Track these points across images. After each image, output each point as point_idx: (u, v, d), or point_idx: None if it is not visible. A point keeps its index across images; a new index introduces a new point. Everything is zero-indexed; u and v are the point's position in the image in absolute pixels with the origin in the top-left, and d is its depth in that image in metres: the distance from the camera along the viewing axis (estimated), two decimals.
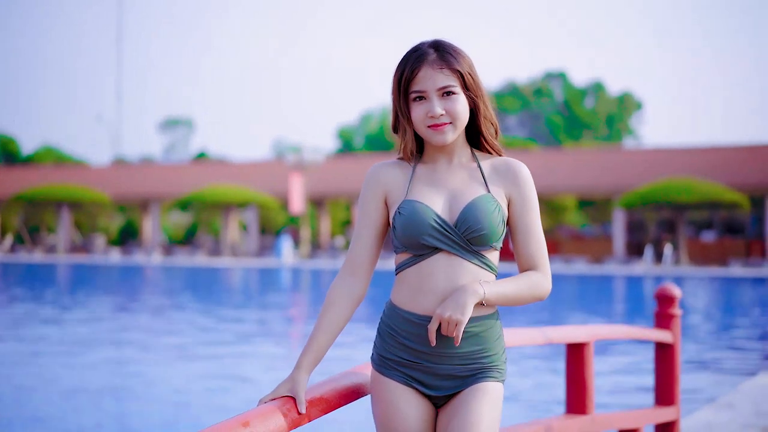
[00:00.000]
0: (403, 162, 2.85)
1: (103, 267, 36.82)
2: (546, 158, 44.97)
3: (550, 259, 30.15)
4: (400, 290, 2.77)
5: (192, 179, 47.11)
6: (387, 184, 2.81)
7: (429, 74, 2.71)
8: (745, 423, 7.79)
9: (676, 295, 5.46)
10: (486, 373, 2.74)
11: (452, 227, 2.69)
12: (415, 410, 2.75)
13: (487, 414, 2.67)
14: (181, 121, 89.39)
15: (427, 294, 2.71)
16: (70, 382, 10.56)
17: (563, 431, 4.21)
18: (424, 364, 2.74)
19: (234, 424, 2.43)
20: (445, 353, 2.72)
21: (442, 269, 2.70)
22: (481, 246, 2.69)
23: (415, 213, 2.71)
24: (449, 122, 2.71)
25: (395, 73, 2.77)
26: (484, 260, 2.71)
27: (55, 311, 18.91)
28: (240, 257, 41.88)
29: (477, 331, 2.72)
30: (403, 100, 2.75)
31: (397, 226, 2.73)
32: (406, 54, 2.77)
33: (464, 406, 2.69)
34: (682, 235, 35.39)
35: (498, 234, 2.70)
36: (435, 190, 2.75)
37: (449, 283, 2.69)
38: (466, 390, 2.72)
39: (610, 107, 74.35)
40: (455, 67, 2.73)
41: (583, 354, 4.38)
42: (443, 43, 2.78)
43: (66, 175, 51.68)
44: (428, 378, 2.75)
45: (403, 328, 2.75)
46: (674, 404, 5.44)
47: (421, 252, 2.71)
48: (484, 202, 2.70)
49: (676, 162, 40.17)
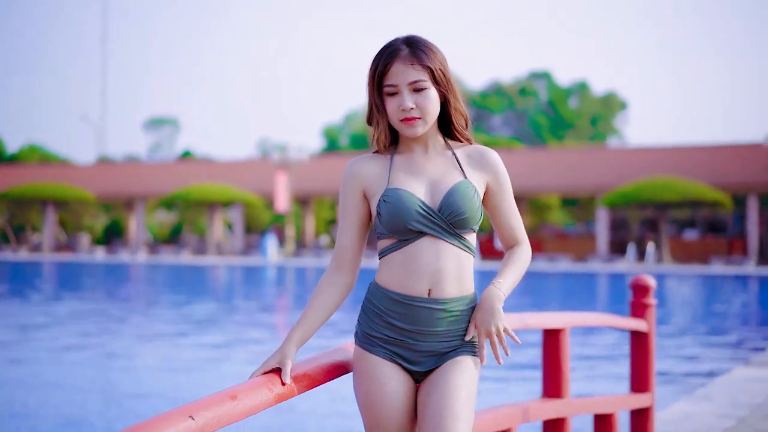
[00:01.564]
0: (379, 155, 2.99)
1: (88, 265, 36.82)
2: (530, 158, 45.18)
3: (533, 258, 30.24)
4: (386, 272, 2.91)
5: (177, 178, 47.12)
6: (364, 177, 2.95)
7: (401, 69, 2.85)
8: (722, 414, 7.97)
9: (650, 285, 5.62)
10: (464, 348, 2.90)
11: (436, 212, 2.84)
12: (398, 384, 2.89)
13: (466, 381, 2.83)
14: (166, 120, 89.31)
15: (414, 275, 2.86)
16: (50, 377, 10.66)
17: (539, 413, 4.36)
18: (407, 341, 2.88)
19: (222, 397, 2.56)
20: (428, 331, 2.86)
21: (427, 252, 2.85)
22: (463, 229, 2.85)
23: (401, 200, 2.85)
24: (419, 117, 2.86)
25: (370, 67, 2.92)
26: (464, 242, 2.88)
27: (35, 308, 18.98)
28: (225, 256, 41.94)
29: (458, 310, 2.88)
30: (377, 94, 2.90)
31: (383, 213, 2.86)
32: (381, 49, 2.92)
33: (443, 375, 2.85)
34: (664, 234, 35.66)
35: (477, 217, 2.87)
36: (415, 178, 2.90)
37: (434, 265, 2.84)
38: (445, 363, 2.88)
39: (594, 107, 74.67)
40: (426, 63, 2.87)
41: (558, 340, 4.54)
42: (416, 39, 2.91)
43: (51, 173, 51.57)
44: (411, 354, 2.89)
45: (389, 307, 2.89)
46: (649, 391, 5.60)
47: (406, 237, 2.86)
48: (464, 187, 2.86)
49: (659, 161, 40.45)
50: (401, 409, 2.89)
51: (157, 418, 2.38)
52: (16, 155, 67.18)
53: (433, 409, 2.81)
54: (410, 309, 2.87)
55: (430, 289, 2.86)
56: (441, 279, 2.85)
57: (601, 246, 38.45)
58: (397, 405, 2.89)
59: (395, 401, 2.89)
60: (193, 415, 2.43)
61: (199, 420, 2.43)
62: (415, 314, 2.86)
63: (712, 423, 7.55)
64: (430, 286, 2.85)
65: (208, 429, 2.45)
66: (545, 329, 4.54)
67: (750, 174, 37.71)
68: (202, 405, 2.48)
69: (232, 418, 2.55)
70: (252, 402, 2.63)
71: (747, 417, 7.79)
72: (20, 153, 67.43)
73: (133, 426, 2.32)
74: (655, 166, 39.31)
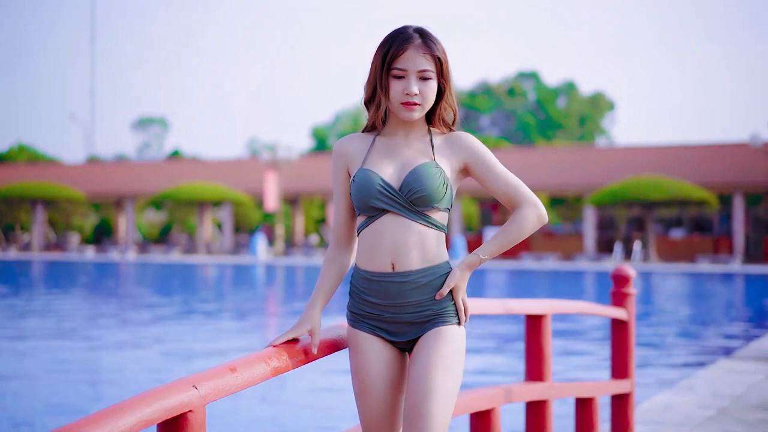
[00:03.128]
0: (366, 135, 3.20)
1: (77, 264, 36.88)
2: (518, 157, 45.39)
3: (521, 257, 30.26)
4: (360, 251, 3.14)
5: (166, 177, 47.17)
6: (348, 156, 3.17)
7: (413, 56, 3.04)
8: (702, 404, 8.19)
9: (630, 275, 5.84)
10: (439, 318, 3.07)
11: (397, 191, 3.04)
12: (382, 355, 3.11)
13: (445, 352, 3.01)
14: (154, 119, 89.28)
15: (377, 250, 3.07)
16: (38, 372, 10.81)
17: (522, 395, 4.56)
18: (385, 315, 3.08)
19: (223, 370, 2.77)
20: (400, 303, 3.06)
21: (389, 228, 3.05)
22: (424, 207, 3.03)
23: (364, 179, 3.06)
24: (420, 103, 3.05)
25: (379, 49, 3.08)
26: (429, 219, 3.05)
27: (20, 305, 19.10)
28: (215, 255, 42.03)
29: (425, 281, 3.06)
30: (384, 75, 3.07)
31: (352, 192, 3.10)
32: (392, 33, 3.09)
33: (423, 347, 3.04)
34: (650, 233, 35.92)
35: (438, 196, 3.03)
36: (389, 160, 3.10)
37: (395, 241, 3.04)
38: (424, 335, 3.07)
39: (582, 107, 74.93)
40: (436, 54, 3.07)
41: (540, 326, 4.74)
42: (427, 31, 3.11)
43: (40, 173, 51.54)
44: (391, 326, 3.09)
45: (363, 285, 3.11)
46: (628, 377, 5.81)
47: (372, 214, 3.07)
48: (427, 167, 3.04)
49: (646, 160, 40.71)
50: (382, 378, 3.09)
51: (165, 386, 2.57)
52: (5, 155, 67.12)
53: (413, 381, 3.01)
54: (379, 285, 3.07)
55: (393, 263, 3.04)
56: (402, 253, 3.03)
57: (588, 244, 38.69)
58: (377, 374, 3.09)
59: (375, 371, 3.09)
60: (197, 384, 2.62)
61: (202, 390, 2.62)
62: (384, 289, 3.06)
63: (693, 413, 7.77)
64: (392, 260, 3.04)
65: (210, 398, 2.65)
66: (528, 315, 4.74)
67: (735, 173, 37.99)
68: (205, 376, 2.68)
69: (232, 388, 2.75)
70: (250, 374, 2.83)
71: (727, 407, 8.00)
72: (9, 153, 67.36)
73: (143, 393, 2.51)
74: (643, 165, 39.56)
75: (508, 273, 31.77)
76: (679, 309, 20.01)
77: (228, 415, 8.38)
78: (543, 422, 4.73)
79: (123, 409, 2.41)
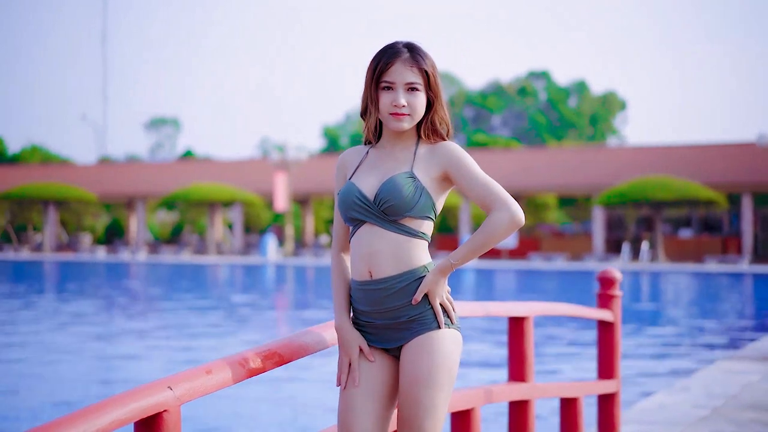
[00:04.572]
0: (363, 147, 3.36)
1: (88, 264, 37.09)
2: (527, 157, 45.46)
3: (530, 257, 30.13)
4: (350, 261, 3.30)
5: (178, 178, 47.33)
6: (346, 168, 3.33)
7: (400, 69, 3.18)
8: (696, 404, 8.28)
9: (616, 278, 5.94)
10: (418, 324, 3.18)
11: (371, 201, 3.17)
12: (376, 360, 3.22)
13: (427, 363, 3.12)
14: (167, 120, 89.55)
15: (357, 260, 3.22)
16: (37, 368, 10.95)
17: (503, 396, 4.66)
18: (373, 322, 3.22)
19: (199, 372, 2.89)
20: (380, 310, 3.18)
21: (365, 238, 3.19)
22: (397, 215, 3.14)
23: (346, 192, 3.21)
24: (408, 114, 3.18)
25: (371, 64, 3.25)
26: (403, 228, 3.16)
27: (30, 305, 19.26)
28: (225, 255, 42.19)
29: (399, 286, 3.17)
30: (373, 88, 3.22)
31: (337, 204, 3.26)
32: (383, 49, 3.25)
33: (407, 360, 3.16)
34: (659, 233, 35.91)
35: (409, 205, 3.13)
36: (373, 172, 3.24)
37: (370, 250, 3.18)
38: (408, 344, 3.18)
39: (593, 107, 74.80)
40: (423, 67, 3.20)
41: (523, 327, 4.85)
42: (416, 45, 3.26)
43: (52, 173, 51.80)
44: (379, 332, 3.22)
45: (353, 294, 3.27)
46: (614, 378, 5.91)
47: (354, 225, 3.23)
48: (400, 178, 3.16)
49: (655, 160, 40.67)
50: (366, 383, 3.18)
51: (140, 387, 2.69)
52: (18, 156, 67.48)
53: (401, 396, 3.16)
54: (363, 292, 3.20)
55: (370, 271, 3.18)
56: (376, 261, 3.16)
57: (597, 245, 38.70)
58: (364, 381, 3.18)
59: (364, 371, 3.20)
60: (172, 386, 2.75)
61: (177, 391, 2.74)
62: (366, 296, 3.20)
63: (686, 412, 7.86)
64: (369, 268, 3.17)
65: (185, 398, 2.76)
66: (510, 317, 4.85)
67: (744, 173, 37.94)
68: (180, 378, 2.80)
69: (207, 389, 2.87)
70: (225, 376, 2.95)
71: (721, 407, 8.08)
72: (21, 153, 67.71)
73: (119, 394, 2.63)
74: (652, 165, 39.54)
75: (516, 273, 31.84)
76: (683, 309, 20.05)
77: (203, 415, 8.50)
78: (525, 422, 4.84)
79: (99, 409, 2.52)
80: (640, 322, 16.85)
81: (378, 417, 3.17)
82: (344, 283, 3.32)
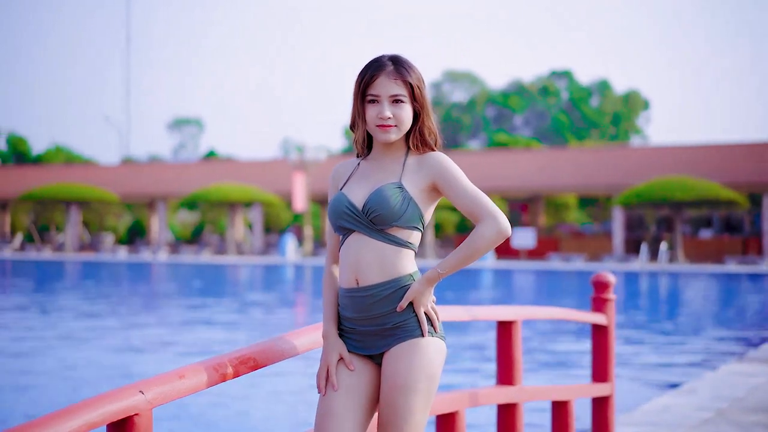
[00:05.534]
0: (355, 159, 3.44)
1: (108, 264, 37.34)
2: (547, 157, 45.36)
3: (549, 257, 30.07)
4: (339, 269, 3.38)
5: (199, 178, 47.55)
6: (338, 180, 3.42)
7: (384, 82, 3.25)
8: (701, 406, 8.29)
9: (610, 282, 5.98)
10: (402, 331, 3.24)
11: (360, 211, 3.25)
12: (357, 366, 3.28)
13: (408, 369, 3.18)
14: (190, 120, 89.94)
15: (344, 268, 3.30)
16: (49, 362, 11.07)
17: (490, 399, 4.71)
18: (357, 328, 3.29)
19: (172, 376, 2.96)
20: (367, 317, 3.26)
21: (353, 247, 3.26)
22: (384, 225, 3.22)
23: (335, 202, 3.30)
24: (395, 125, 3.26)
25: (357, 78, 3.32)
26: (390, 237, 3.24)
27: (47, 304, 19.45)
28: (245, 255, 42.35)
29: (385, 293, 3.24)
30: (360, 101, 3.31)
31: (327, 214, 3.34)
32: (368, 63, 3.32)
33: (389, 366, 3.22)
34: (678, 233, 35.75)
35: (397, 215, 3.21)
36: (362, 183, 3.32)
37: (357, 258, 3.25)
38: (390, 351, 3.24)
39: (616, 106, 74.46)
40: (407, 80, 3.27)
41: (510, 331, 4.90)
42: (400, 58, 3.32)
43: (75, 174, 52.13)
44: (361, 337, 3.29)
45: (341, 301, 3.34)
46: (608, 381, 5.95)
47: (343, 234, 3.30)
48: (388, 188, 3.23)
49: (676, 160, 40.45)
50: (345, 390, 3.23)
51: (112, 391, 2.77)
52: (42, 156, 68.03)
53: (381, 401, 3.22)
54: (350, 299, 3.28)
55: (357, 279, 3.25)
56: (362, 269, 3.23)
57: (617, 245, 38.58)
58: (340, 384, 3.23)
59: (343, 377, 3.25)
60: (143, 389, 2.82)
61: (149, 394, 2.81)
62: (353, 303, 3.27)
63: (689, 414, 7.88)
64: (356, 276, 3.25)
65: (157, 402, 2.83)
66: (499, 321, 4.90)
67: (766, 173, 37.71)
68: (152, 382, 2.86)
69: (179, 393, 2.94)
70: (199, 380, 3.02)
71: (726, 409, 8.10)
72: (46, 154, 68.26)
73: (91, 398, 2.70)
74: (673, 165, 39.35)
75: (534, 273, 31.82)
76: (696, 311, 20.00)
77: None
78: (513, 425, 4.89)
79: (70, 412, 2.60)
80: (648, 324, 16.85)
81: (356, 423, 3.21)
82: (334, 292, 3.39)
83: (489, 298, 22.40)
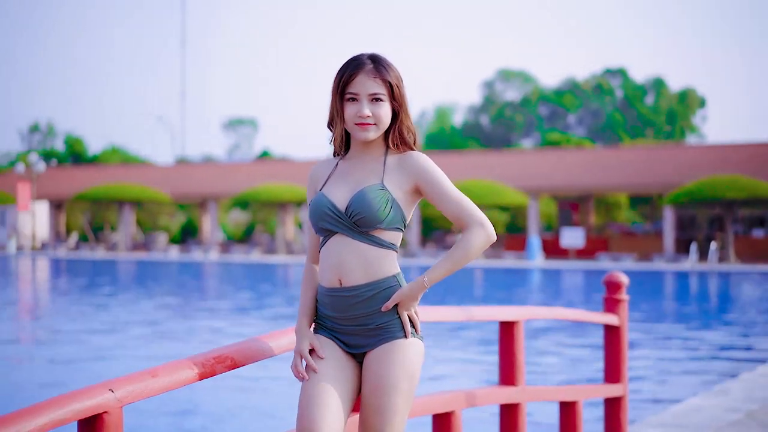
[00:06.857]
0: (333, 159, 3.43)
1: (160, 264, 37.75)
2: (598, 156, 44.97)
3: (599, 257, 29.82)
4: (320, 269, 3.38)
5: (251, 178, 47.86)
6: (316, 180, 3.41)
7: (363, 81, 3.25)
8: (732, 407, 8.19)
9: (623, 282, 5.94)
10: (385, 332, 3.26)
11: (342, 213, 3.25)
12: (334, 359, 3.27)
13: (390, 369, 3.20)
14: (244, 120, 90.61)
15: (327, 268, 3.30)
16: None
17: (488, 399, 4.70)
18: (340, 326, 3.31)
19: (143, 375, 2.99)
20: (349, 316, 3.27)
21: (336, 248, 3.27)
22: (368, 227, 3.22)
23: (316, 203, 3.30)
24: (374, 123, 3.25)
25: (335, 76, 3.32)
26: (374, 239, 3.24)
27: (99, 300, 19.74)
28: (294, 254, 42.58)
29: (369, 294, 3.25)
30: (338, 99, 3.30)
31: (309, 215, 3.34)
32: (347, 61, 3.32)
33: (371, 366, 3.24)
34: (729, 232, 35.24)
35: (380, 217, 3.21)
36: (343, 183, 3.31)
37: (340, 259, 3.26)
38: (372, 351, 3.26)
39: (671, 104, 73.57)
40: (386, 78, 3.26)
41: (513, 331, 4.88)
42: (380, 57, 3.32)
43: (130, 174, 52.80)
44: (344, 337, 3.31)
45: (322, 299, 3.34)
46: (620, 382, 5.91)
47: (324, 235, 3.31)
48: (371, 190, 3.22)
49: (729, 158, 39.85)
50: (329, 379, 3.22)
51: (82, 390, 2.80)
52: (97, 157, 69.06)
53: (363, 399, 3.24)
54: (332, 299, 3.29)
55: (340, 280, 3.26)
56: (346, 270, 3.24)
57: (667, 244, 38.13)
58: (324, 374, 3.22)
59: (325, 369, 3.24)
60: (113, 388, 2.84)
61: (119, 393, 2.83)
62: (335, 302, 3.28)
63: (719, 415, 7.79)
64: (339, 276, 3.26)
65: (127, 400, 2.85)
66: (501, 321, 4.89)
67: None
68: (123, 380, 2.88)
69: (150, 392, 2.95)
70: (171, 379, 3.02)
71: (756, 411, 7.99)
72: (102, 155, 69.30)
73: (58, 396, 2.74)
74: (726, 163, 38.77)
75: (583, 273, 31.59)
76: (744, 311, 19.72)
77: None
78: (516, 425, 4.88)
79: (38, 409, 2.63)
80: (689, 324, 16.67)
81: (339, 410, 3.18)
82: (312, 291, 3.41)
83: (531, 299, 22.26)
